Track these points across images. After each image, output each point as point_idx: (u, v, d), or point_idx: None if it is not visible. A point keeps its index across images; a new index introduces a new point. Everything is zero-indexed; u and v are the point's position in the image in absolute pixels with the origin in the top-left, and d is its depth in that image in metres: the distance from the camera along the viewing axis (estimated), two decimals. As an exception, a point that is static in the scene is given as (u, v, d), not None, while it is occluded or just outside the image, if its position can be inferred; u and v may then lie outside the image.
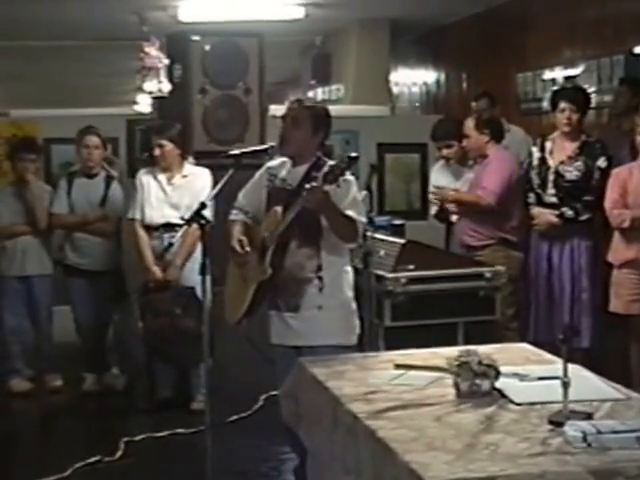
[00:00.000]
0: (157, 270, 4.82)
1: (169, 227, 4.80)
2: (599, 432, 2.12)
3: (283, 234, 3.35)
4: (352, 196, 3.35)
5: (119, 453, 4.28)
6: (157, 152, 4.87)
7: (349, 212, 3.30)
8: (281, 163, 3.54)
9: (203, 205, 3.35)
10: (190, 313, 4.70)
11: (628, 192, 4.46)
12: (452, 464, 2.03)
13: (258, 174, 3.60)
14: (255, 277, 3.41)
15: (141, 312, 4.89)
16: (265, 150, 3.68)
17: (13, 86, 11.66)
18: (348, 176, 3.37)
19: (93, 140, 5.28)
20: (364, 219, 3.40)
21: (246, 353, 4.76)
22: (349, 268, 3.52)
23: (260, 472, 4.09)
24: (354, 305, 3.51)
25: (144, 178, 4.96)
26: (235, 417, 4.71)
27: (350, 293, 3.49)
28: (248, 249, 3.44)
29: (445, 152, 5.39)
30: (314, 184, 3.17)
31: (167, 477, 4.12)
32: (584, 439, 2.11)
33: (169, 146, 4.86)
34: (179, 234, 4.11)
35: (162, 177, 4.93)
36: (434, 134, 5.48)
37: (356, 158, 3.21)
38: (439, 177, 5.44)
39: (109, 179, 5.38)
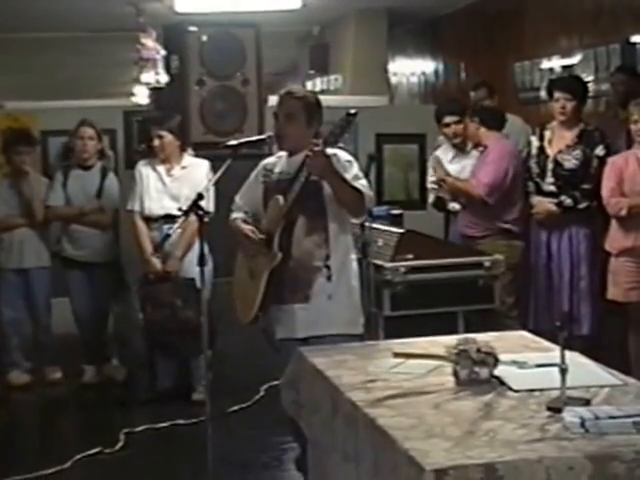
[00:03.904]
0: (157, 262, 4.83)
1: (168, 218, 4.79)
2: (597, 418, 2.13)
3: (289, 212, 3.33)
4: (355, 173, 3.34)
5: (119, 444, 4.29)
6: (156, 143, 4.86)
7: (355, 184, 3.29)
8: (276, 159, 3.53)
9: (200, 196, 3.34)
10: (190, 304, 4.70)
11: (624, 180, 4.46)
12: (451, 451, 2.03)
13: (254, 174, 3.58)
14: (265, 267, 3.37)
15: (141, 304, 4.90)
16: (263, 140, 3.67)
17: (9, 78, 11.63)
18: (350, 157, 3.37)
19: (87, 132, 5.28)
20: (371, 193, 3.38)
21: (247, 343, 4.77)
22: (354, 256, 3.51)
23: (261, 462, 4.10)
24: (359, 294, 3.51)
25: (143, 170, 4.96)
26: (236, 408, 4.72)
27: (356, 282, 3.49)
28: (262, 236, 3.41)
29: (453, 128, 5.29)
30: (316, 148, 3.14)
31: (168, 468, 4.12)
32: (582, 425, 2.12)
33: (168, 137, 4.86)
34: (176, 225, 4.11)
35: (161, 168, 4.93)
36: (439, 111, 5.44)
37: (354, 114, 3.17)
38: (443, 157, 5.42)
39: (105, 170, 5.38)
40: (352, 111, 3.18)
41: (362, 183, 3.33)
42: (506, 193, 4.91)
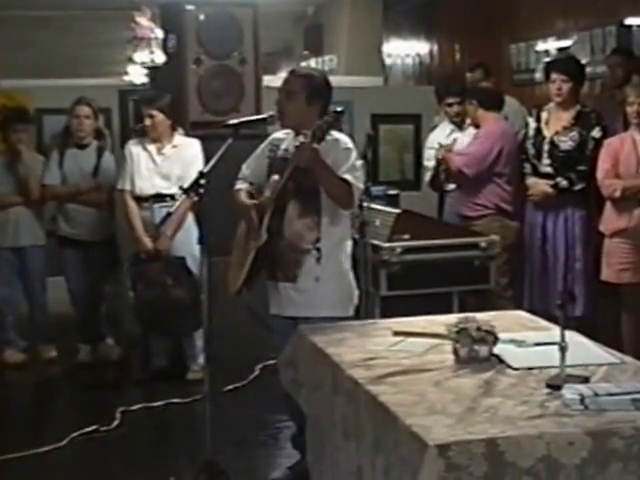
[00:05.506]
0: (148, 241, 4.83)
1: (159, 198, 4.82)
2: (596, 395, 2.17)
3: (279, 197, 3.35)
4: (351, 163, 3.35)
5: (115, 423, 4.30)
6: (147, 122, 4.86)
7: (346, 176, 3.30)
8: (285, 135, 3.54)
9: (202, 175, 3.34)
10: (181, 283, 4.71)
11: (620, 162, 4.48)
12: (453, 427, 2.06)
13: (262, 146, 3.60)
14: (253, 245, 3.42)
15: (132, 282, 4.90)
16: (264, 119, 3.66)
17: (3, 56, 11.55)
18: (350, 144, 3.38)
19: (84, 110, 5.25)
20: (361, 185, 3.40)
21: (242, 323, 4.79)
22: (349, 242, 3.52)
23: (257, 440, 4.12)
24: (351, 276, 3.52)
25: (133, 149, 4.96)
26: (231, 387, 4.73)
27: (348, 264, 3.50)
28: (255, 202, 3.44)
29: (456, 108, 5.32)
30: (302, 140, 3.18)
31: (163, 446, 4.15)
32: (581, 402, 2.15)
33: (159, 116, 4.86)
34: (177, 204, 4.12)
35: (152, 147, 4.93)
36: (440, 91, 5.42)
37: (342, 112, 3.23)
38: (440, 134, 5.42)
39: (101, 149, 5.37)
40: (338, 109, 3.24)
41: (355, 175, 3.34)
42: (496, 172, 4.91)
